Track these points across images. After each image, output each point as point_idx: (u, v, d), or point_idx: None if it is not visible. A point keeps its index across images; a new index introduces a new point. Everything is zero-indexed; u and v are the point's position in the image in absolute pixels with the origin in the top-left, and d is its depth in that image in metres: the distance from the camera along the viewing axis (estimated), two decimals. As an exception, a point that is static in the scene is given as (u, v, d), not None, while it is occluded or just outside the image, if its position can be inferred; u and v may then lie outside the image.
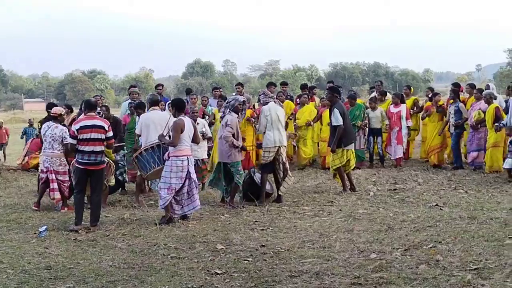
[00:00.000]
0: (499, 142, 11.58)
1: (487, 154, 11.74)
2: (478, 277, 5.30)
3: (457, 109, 12.47)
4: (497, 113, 11.57)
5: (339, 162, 10.18)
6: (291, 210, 8.89)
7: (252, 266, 5.95)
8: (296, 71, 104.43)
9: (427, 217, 7.97)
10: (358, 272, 5.61)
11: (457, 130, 12.52)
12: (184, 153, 8.21)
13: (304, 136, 13.37)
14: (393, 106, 13.42)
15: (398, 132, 13.18)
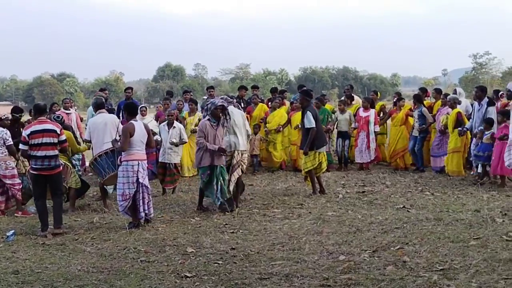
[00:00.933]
0: (459, 148, 11.83)
1: (447, 159, 12.00)
2: (444, 278, 5.41)
3: (421, 113, 12.71)
4: (458, 117, 11.83)
5: (311, 165, 10.27)
6: (261, 213, 8.93)
7: (222, 269, 5.97)
8: (266, 75, 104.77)
9: (394, 219, 8.09)
10: (327, 274, 5.67)
11: (422, 135, 12.75)
12: (135, 157, 8.08)
13: (274, 140, 13.43)
14: (362, 110, 13.58)
15: (366, 137, 13.36)
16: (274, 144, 13.46)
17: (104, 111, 9.76)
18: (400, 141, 13.24)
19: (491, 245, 6.42)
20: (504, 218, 7.82)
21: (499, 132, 10.54)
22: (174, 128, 10.93)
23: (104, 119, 9.47)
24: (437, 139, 12.49)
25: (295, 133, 13.42)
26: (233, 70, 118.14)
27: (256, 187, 11.50)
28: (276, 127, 13.33)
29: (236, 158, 9.47)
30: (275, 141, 13.43)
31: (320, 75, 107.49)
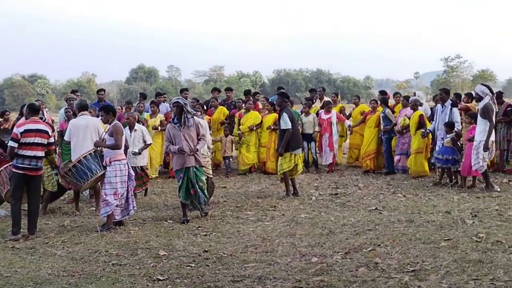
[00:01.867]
0: (422, 148, 12.08)
1: (411, 159, 12.21)
2: (415, 279, 5.46)
3: (384, 115, 12.92)
4: (420, 120, 12.10)
5: (287, 167, 10.30)
6: (234, 215, 8.91)
7: (194, 272, 5.94)
8: (240, 77, 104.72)
9: (367, 220, 8.15)
10: (300, 275, 5.68)
11: (387, 136, 12.96)
12: (123, 156, 8.28)
13: (248, 141, 13.44)
14: (324, 112, 13.67)
15: (329, 138, 13.47)
16: (247, 146, 13.47)
17: (86, 113, 9.65)
18: (372, 143, 13.36)
19: (461, 246, 6.51)
20: (474, 219, 7.93)
21: (468, 134, 10.73)
22: (136, 131, 10.66)
23: (86, 121, 9.36)
24: (397, 139, 12.78)
25: (265, 135, 13.46)
26: (207, 72, 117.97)
27: (230, 189, 11.49)
28: (250, 126, 13.35)
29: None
30: (248, 142, 13.43)
31: (294, 78, 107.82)
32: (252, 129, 13.37)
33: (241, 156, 13.61)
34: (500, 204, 9.03)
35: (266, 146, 13.49)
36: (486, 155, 10.19)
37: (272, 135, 13.47)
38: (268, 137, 13.48)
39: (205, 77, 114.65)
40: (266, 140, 13.47)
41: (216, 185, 11.94)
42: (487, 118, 10.06)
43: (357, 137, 14.09)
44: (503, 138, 12.39)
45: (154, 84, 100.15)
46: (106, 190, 8.12)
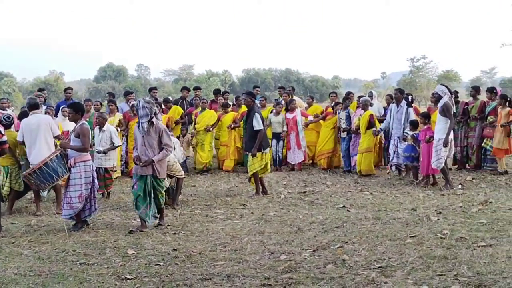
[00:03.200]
0: (371, 148, 12.34)
1: (359, 158, 12.45)
2: (382, 275, 5.55)
3: (348, 115, 13.13)
4: (371, 119, 12.35)
5: (259, 166, 10.34)
6: (204, 214, 8.92)
7: (163, 271, 5.94)
8: (210, 76, 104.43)
9: (334, 218, 8.25)
10: (268, 273, 5.73)
11: (348, 135, 13.14)
12: (89, 157, 8.08)
13: (203, 141, 13.37)
14: (288, 112, 13.78)
15: (295, 137, 13.56)
16: (202, 145, 13.40)
17: (38, 112, 9.48)
18: (328, 143, 13.55)
19: (426, 243, 6.64)
20: (439, 216, 8.09)
21: (423, 134, 10.97)
22: (104, 132, 10.51)
23: (37, 120, 9.21)
24: (352, 140, 12.94)
25: (225, 134, 13.48)
26: (176, 71, 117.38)
27: (199, 188, 11.49)
28: (206, 127, 13.32)
29: None
30: (203, 142, 13.38)
31: (263, 77, 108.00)
32: (209, 130, 13.33)
33: (196, 155, 13.54)
34: (464, 201, 9.23)
35: (226, 144, 13.50)
36: (445, 152, 10.42)
37: (232, 133, 13.52)
38: (228, 135, 13.50)
39: (175, 76, 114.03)
40: (225, 139, 13.50)
41: (185, 184, 11.93)
42: (448, 116, 10.30)
43: (313, 135, 14.17)
44: (464, 135, 12.78)
45: (123, 83, 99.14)
46: (71, 192, 7.96)
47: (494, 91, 12.72)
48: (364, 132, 12.37)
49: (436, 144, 10.38)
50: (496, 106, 12.32)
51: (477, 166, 12.58)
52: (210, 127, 13.35)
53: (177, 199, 9.63)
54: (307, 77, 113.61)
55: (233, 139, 13.57)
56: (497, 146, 12.08)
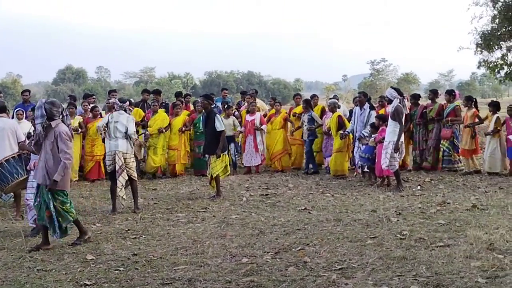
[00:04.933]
0: (342, 148, 12.48)
1: (332, 159, 12.58)
2: (342, 277, 5.59)
3: (310, 117, 13.24)
4: (339, 120, 12.52)
5: (221, 168, 10.30)
6: (165, 218, 8.83)
7: (123, 276, 5.85)
8: (171, 78, 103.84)
9: (296, 220, 8.28)
10: (230, 276, 5.70)
11: (311, 137, 13.27)
12: None
13: (155, 144, 13.24)
14: (248, 114, 13.80)
15: (253, 140, 13.59)
16: (154, 149, 13.27)
17: (4, 115, 9.29)
18: (278, 144, 13.65)
19: (386, 244, 6.71)
20: (398, 217, 8.20)
21: (379, 135, 11.16)
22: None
23: (3, 123, 9.02)
24: (324, 141, 13.04)
25: (175, 138, 13.41)
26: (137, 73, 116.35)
27: (160, 192, 11.39)
28: (158, 129, 13.20)
29: (118, 162, 9.30)
30: (156, 145, 13.25)
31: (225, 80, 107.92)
32: (162, 131, 13.21)
33: (148, 158, 13.40)
34: (422, 202, 9.38)
35: (177, 148, 13.42)
36: (397, 155, 10.62)
37: (182, 137, 13.46)
38: (178, 139, 13.43)
39: (136, 79, 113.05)
40: (176, 143, 13.42)
41: (146, 187, 11.86)
42: (397, 120, 10.50)
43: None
44: (422, 138, 13.06)
45: (83, 85, 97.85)
46: (29, 195, 7.82)
47: (452, 94, 13.11)
48: (335, 134, 12.48)
49: (385, 146, 10.58)
50: (455, 107, 12.65)
51: (434, 167, 12.86)
52: (162, 128, 13.22)
53: (136, 203, 9.51)
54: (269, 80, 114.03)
55: (183, 143, 13.51)
56: (464, 147, 12.46)
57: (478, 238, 6.72)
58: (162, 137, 13.27)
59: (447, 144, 12.60)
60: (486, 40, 23.36)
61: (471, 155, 12.57)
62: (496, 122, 12.25)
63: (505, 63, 24.06)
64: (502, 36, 23.28)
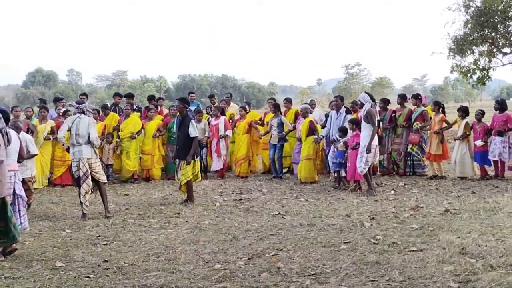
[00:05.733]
0: (311, 155, 12.45)
1: (301, 165, 12.53)
2: (316, 282, 5.55)
3: (280, 122, 13.23)
4: (311, 126, 12.51)
5: (192, 173, 10.18)
6: (137, 223, 8.71)
7: (93, 283, 5.73)
8: (144, 82, 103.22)
9: (270, 225, 8.22)
10: (202, 283, 5.62)
11: (281, 142, 13.26)
12: (11, 168, 7.59)
13: (127, 148, 13.11)
14: (213, 119, 13.76)
15: (216, 145, 13.52)
16: (127, 153, 13.13)
17: None
18: (241, 149, 13.64)
19: (359, 249, 6.70)
20: (372, 222, 8.20)
21: (351, 140, 11.23)
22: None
23: None
24: (297, 147, 13.00)
25: (148, 142, 13.28)
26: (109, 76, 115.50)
27: (132, 197, 11.24)
28: (130, 134, 13.07)
29: (82, 169, 9.15)
30: (129, 149, 13.12)
31: (199, 83, 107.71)
32: (134, 137, 13.07)
33: (122, 163, 13.24)
34: (396, 206, 9.41)
35: (150, 153, 13.29)
36: (370, 158, 10.65)
37: (156, 142, 13.35)
38: (152, 144, 13.32)
39: (108, 82, 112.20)
40: (149, 147, 13.29)
41: (117, 193, 11.70)
42: (371, 123, 10.56)
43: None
44: (391, 142, 13.18)
45: (53, 88, 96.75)
46: None
47: (418, 98, 13.33)
48: (305, 139, 12.45)
49: (361, 150, 10.64)
50: (423, 112, 12.80)
51: (404, 172, 12.98)
52: (135, 134, 13.07)
53: (107, 207, 9.36)
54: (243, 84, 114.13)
55: (157, 148, 13.39)
56: (433, 152, 12.55)
57: (450, 242, 6.75)
58: (134, 141, 13.11)
59: (416, 149, 12.78)
60: (459, 45, 23.72)
61: (439, 160, 12.73)
62: (465, 127, 12.45)
63: (478, 68, 24.47)
64: (474, 41, 23.66)
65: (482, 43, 23.90)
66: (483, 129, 12.41)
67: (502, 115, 12.37)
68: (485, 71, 24.59)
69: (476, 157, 12.42)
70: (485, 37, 23.57)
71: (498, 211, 8.72)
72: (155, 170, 13.36)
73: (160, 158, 13.46)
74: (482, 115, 12.70)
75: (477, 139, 12.34)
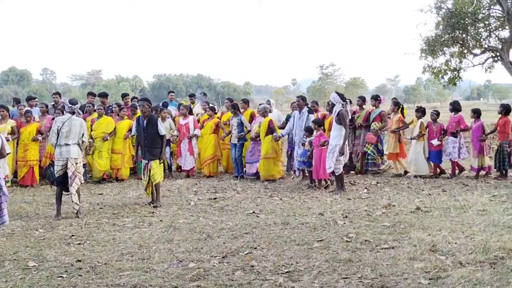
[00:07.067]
0: (271, 154, 12.63)
1: (260, 164, 12.71)
2: (289, 280, 5.60)
3: (239, 121, 13.35)
4: (270, 125, 12.72)
5: (160, 173, 10.16)
6: (111, 223, 8.67)
7: (66, 283, 5.70)
8: (119, 81, 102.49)
9: (244, 224, 8.26)
10: (176, 282, 5.63)
11: (241, 142, 13.37)
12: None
13: (100, 148, 13.04)
14: (182, 118, 13.79)
15: (188, 143, 13.59)
16: (99, 152, 13.05)
17: None
18: (208, 149, 13.69)
19: (332, 247, 6.78)
20: (345, 220, 8.30)
21: (317, 139, 11.39)
22: None
23: None
24: (251, 146, 13.14)
25: (119, 142, 13.23)
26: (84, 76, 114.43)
27: (106, 196, 11.19)
28: (102, 135, 13.00)
29: (71, 168, 9.12)
30: (101, 149, 13.05)
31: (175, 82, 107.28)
32: (106, 139, 12.98)
33: (94, 163, 13.16)
34: (369, 205, 9.53)
35: (121, 153, 13.25)
36: (342, 158, 10.87)
37: (127, 141, 13.33)
38: (123, 143, 13.28)
39: (82, 81, 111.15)
40: (120, 147, 13.24)
41: (92, 192, 11.64)
42: (343, 124, 10.72)
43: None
44: (350, 142, 13.41)
45: (27, 87, 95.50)
46: None
47: (378, 99, 13.71)
48: (263, 138, 12.63)
49: (330, 150, 10.78)
50: (381, 113, 13.22)
51: (361, 172, 13.28)
52: (107, 135, 13.00)
53: (80, 207, 9.28)
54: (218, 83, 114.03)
55: (128, 147, 13.36)
56: (390, 151, 13.05)
57: (421, 240, 6.87)
58: (107, 141, 13.05)
59: (372, 148, 13.12)
60: (430, 46, 24.03)
61: (397, 158, 13.13)
62: (420, 127, 12.91)
63: (449, 68, 24.82)
64: (445, 42, 24.00)
65: (453, 44, 24.26)
66: (439, 129, 12.91)
67: (455, 116, 12.93)
68: (456, 71, 24.95)
69: (430, 155, 12.89)
70: (456, 38, 23.92)
71: (468, 209, 8.90)
72: (124, 169, 13.31)
73: (130, 158, 13.41)
74: (437, 115, 13.28)
75: (432, 139, 12.75)
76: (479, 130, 12.61)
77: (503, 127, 12.31)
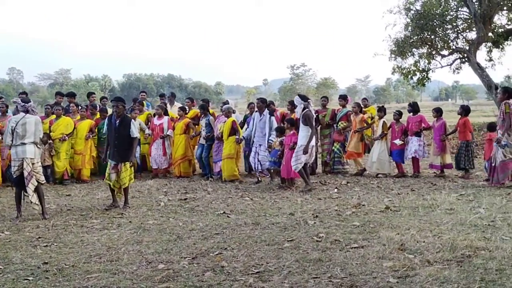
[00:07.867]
0: (233, 154, 12.74)
1: (223, 164, 12.78)
2: (259, 280, 5.58)
3: (208, 122, 13.38)
4: (233, 125, 12.81)
5: (129, 177, 9.98)
6: (79, 224, 8.55)
7: (32, 286, 5.59)
8: (88, 81, 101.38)
9: (215, 224, 8.23)
10: (145, 283, 5.57)
11: (209, 142, 13.39)
12: None
13: (58, 149, 12.84)
14: (156, 118, 13.77)
15: (162, 144, 13.59)
16: (57, 153, 12.85)
17: None
18: (179, 149, 13.66)
19: (303, 246, 6.79)
20: (315, 220, 8.32)
21: (289, 139, 11.55)
22: None
23: None
24: (215, 146, 13.20)
25: (80, 142, 13.09)
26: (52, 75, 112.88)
27: (74, 197, 11.03)
28: (61, 136, 12.81)
29: (26, 168, 8.94)
30: (59, 150, 12.85)
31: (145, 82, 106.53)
32: (64, 140, 12.79)
33: (53, 164, 12.94)
34: (339, 204, 9.58)
35: (82, 153, 13.12)
36: (304, 158, 10.98)
37: (88, 142, 13.20)
38: (84, 144, 13.14)
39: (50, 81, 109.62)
40: (81, 147, 13.10)
41: (59, 193, 11.47)
42: (309, 125, 10.87)
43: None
44: (321, 143, 13.64)
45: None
46: None
47: (346, 99, 13.93)
48: (226, 138, 12.68)
49: (297, 150, 10.99)
50: (348, 113, 13.49)
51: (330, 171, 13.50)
52: (65, 136, 12.81)
53: (44, 208, 9.12)
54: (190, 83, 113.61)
55: (89, 148, 13.23)
56: (352, 150, 13.23)
57: (390, 239, 6.93)
58: (66, 141, 12.87)
59: (338, 146, 13.37)
60: (400, 47, 24.27)
61: (356, 157, 13.38)
62: (383, 127, 13.14)
63: (418, 69, 25.10)
64: (414, 44, 24.27)
65: (422, 45, 24.56)
66: (401, 129, 13.17)
67: (415, 117, 13.18)
68: (425, 72, 25.24)
69: (393, 155, 13.14)
70: (425, 39, 24.22)
71: (435, 208, 9.00)
72: (85, 170, 13.15)
73: (91, 159, 13.28)
74: (399, 115, 13.53)
75: (395, 139, 13.02)
76: (441, 129, 12.85)
77: (463, 127, 12.62)
